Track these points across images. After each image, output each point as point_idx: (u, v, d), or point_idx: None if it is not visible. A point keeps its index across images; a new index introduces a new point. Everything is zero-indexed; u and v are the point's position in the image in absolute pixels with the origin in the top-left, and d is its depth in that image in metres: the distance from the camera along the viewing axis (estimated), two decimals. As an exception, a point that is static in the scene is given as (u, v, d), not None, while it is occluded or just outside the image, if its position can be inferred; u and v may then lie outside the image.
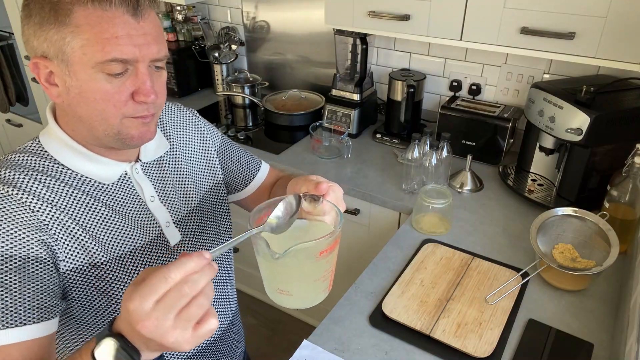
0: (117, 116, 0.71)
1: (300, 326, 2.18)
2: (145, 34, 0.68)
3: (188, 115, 0.97)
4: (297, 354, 1.01)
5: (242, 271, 2.25)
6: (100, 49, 0.65)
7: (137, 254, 0.81)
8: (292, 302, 0.72)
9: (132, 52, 0.67)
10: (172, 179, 0.88)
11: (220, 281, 1.01)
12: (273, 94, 2.14)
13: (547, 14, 1.30)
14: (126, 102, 0.70)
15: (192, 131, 0.95)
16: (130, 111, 0.72)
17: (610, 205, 1.25)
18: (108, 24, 0.65)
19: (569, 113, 1.33)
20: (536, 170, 1.57)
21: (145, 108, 0.73)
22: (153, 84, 0.72)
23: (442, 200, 1.34)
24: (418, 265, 1.23)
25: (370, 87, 1.97)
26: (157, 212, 0.84)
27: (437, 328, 1.04)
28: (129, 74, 0.69)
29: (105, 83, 0.68)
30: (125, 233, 0.80)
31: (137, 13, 0.67)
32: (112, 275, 0.78)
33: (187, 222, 0.89)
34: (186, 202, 0.90)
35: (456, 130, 1.69)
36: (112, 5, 0.65)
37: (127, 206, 0.81)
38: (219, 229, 0.98)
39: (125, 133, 0.73)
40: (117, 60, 0.66)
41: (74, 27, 0.65)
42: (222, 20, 2.37)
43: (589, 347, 1.02)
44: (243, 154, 1.04)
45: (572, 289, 1.16)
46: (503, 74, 1.75)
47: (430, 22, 1.48)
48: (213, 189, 0.97)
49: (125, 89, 0.69)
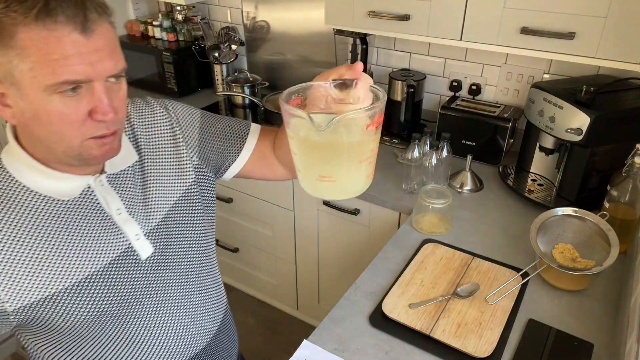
0: (77, 137, 0.68)
1: (300, 326, 2.18)
2: (98, 50, 0.64)
3: (162, 115, 0.89)
4: (297, 354, 1.01)
5: (242, 271, 2.26)
6: (51, 71, 0.61)
7: (102, 274, 0.77)
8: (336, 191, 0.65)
9: (85, 71, 0.63)
10: (140, 189, 0.83)
11: (205, 285, 0.96)
12: (273, 94, 2.14)
13: (547, 14, 1.30)
14: (84, 122, 0.67)
15: (165, 134, 0.89)
16: (90, 131, 0.68)
17: (610, 205, 1.25)
18: (56, 45, 0.61)
19: (569, 113, 1.33)
20: (536, 170, 1.57)
21: (105, 126, 0.69)
22: (111, 100, 0.68)
23: (442, 200, 1.34)
24: (418, 265, 1.23)
25: (370, 87, 1.97)
26: (125, 225, 0.80)
27: (437, 328, 1.04)
28: (84, 92, 0.65)
29: (60, 104, 0.64)
30: (85, 254, 0.75)
31: (85, 29, 0.62)
32: (71, 304, 0.75)
33: (159, 233, 0.84)
34: (157, 212, 0.84)
35: (456, 130, 1.69)
36: (58, 23, 0.60)
37: (90, 222, 0.77)
38: (194, 234, 0.92)
39: (87, 154, 0.70)
40: (68, 82, 0.63)
41: (20, 50, 0.60)
42: (222, 20, 2.37)
43: (589, 347, 1.02)
44: (227, 124, 0.96)
45: (572, 289, 1.16)
46: (503, 74, 1.75)
47: (430, 22, 1.48)
48: (185, 194, 0.90)
49: (81, 109, 0.66)
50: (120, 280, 0.79)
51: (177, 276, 0.89)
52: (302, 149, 0.63)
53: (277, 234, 1.98)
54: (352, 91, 0.64)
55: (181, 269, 0.89)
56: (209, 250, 0.96)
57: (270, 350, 2.15)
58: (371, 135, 0.62)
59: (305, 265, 1.97)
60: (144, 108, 0.88)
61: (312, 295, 2.05)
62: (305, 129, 0.60)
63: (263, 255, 2.10)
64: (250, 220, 2.04)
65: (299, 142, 0.63)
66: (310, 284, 2.02)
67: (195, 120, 0.93)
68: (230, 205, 2.04)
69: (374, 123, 0.61)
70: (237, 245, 2.18)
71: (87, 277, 0.76)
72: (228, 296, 1.08)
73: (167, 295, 0.87)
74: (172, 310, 0.89)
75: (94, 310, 0.77)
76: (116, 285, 0.79)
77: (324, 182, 0.63)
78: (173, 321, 0.89)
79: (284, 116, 0.63)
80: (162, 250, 0.85)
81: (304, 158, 0.64)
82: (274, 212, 1.92)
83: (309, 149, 0.63)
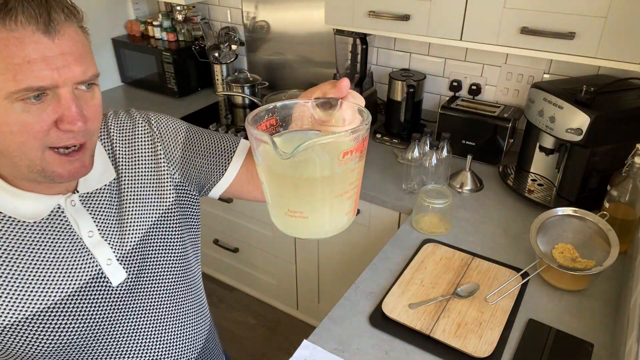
0: (39, 148, 0.61)
1: (300, 326, 2.18)
2: (64, 53, 0.59)
3: (144, 129, 0.83)
4: (297, 354, 1.01)
5: (242, 271, 2.25)
6: (12, 77, 0.56)
7: (68, 301, 0.71)
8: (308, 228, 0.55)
9: (50, 76, 0.58)
10: (116, 210, 0.77)
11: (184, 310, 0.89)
12: (273, 94, 2.13)
13: (547, 14, 1.30)
14: (47, 132, 0.60)
15: (146, 151, 0.82)
16: (54, 140, 0.61)
17: (610, 205, 1.25)
18: (17, 47, 0.55)
19: (569, 113, 1.33)
20: (536, 170, 1.57)
21: (72, 136, 0.62)
22: (81, 108, 0.62)
23: (442, 200, 1.34)
24: (418, 265, 1.23)
25: (370, 87, 1.97)
26: (95, 249, 0.74)
27: (437, 328, 1.04)
28: (50, 99, 0.60)
29: (22, 113, 0.58)
30: (51, 280, 0.70)
31: (49, 30, 0.57)
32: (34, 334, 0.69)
33: (133, 257, 0.78)
34: (132, 235, 0.78)
35: (456, 130, 1.69)
36: (18, 23, 0.55)
37: (58, 246, 0.71)
38: (174, 256, 0.85)
39: (49, 170, 0.63)
40: (32, 89, 0.57)
41: None
42: (222, 20, 2.37)
43: (589, 347, 1.02)
44: (212, 141, 0.88)
45: (572, 289, 1.16)
46: (503, 74, 1.75)
47: (430, 22, 1.48)
48: (164, 215, 0.83)
49: (46, 117, 0.60)
50: (87, 308, 0.74)
51: (152, 303, 0.83)
52: (268, 179, 0.54)
53: (277, 234, 1.98)
54: (336, 112, 0.55)
55: (157, 294, 0.83)
56: (191, 271, 0.90)
57: (270, 350, 2.15)
58: (350, 164, 0.51)
59: (305, 265, 1.97)
60: (125, 121, 0.83)
61: (312, 295, 2.05)
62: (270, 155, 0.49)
63: (263, 255, 2.10)
64: (250, 220, 2.03)
65: (265, 171, 0.53)
66: (310, 284, 2.02)
67: (179, 136, 0.85)
68: (230, 205, 2.04)
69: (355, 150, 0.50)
70: (237, 245, 2.18)
71: (52, 305, 0.70)
72: (228, 296, 1.07)
73: (139, 323, 0.82)
74: (144, 339, 0.83)
75: (58, 340, 0.72)
76: (83, 314, 0.74)
77: (294, 219, 0.54)
78: (146, 351, 0.83)
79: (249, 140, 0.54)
80: (136, 275, 0.79)
81: (271, 189, 0.55)
82: (274, 212, 1.92)
83: (276, 179, 0.53)
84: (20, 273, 0.68)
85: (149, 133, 0.83)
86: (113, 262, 0.76)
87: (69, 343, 0.73)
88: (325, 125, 0.56)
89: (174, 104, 2.27)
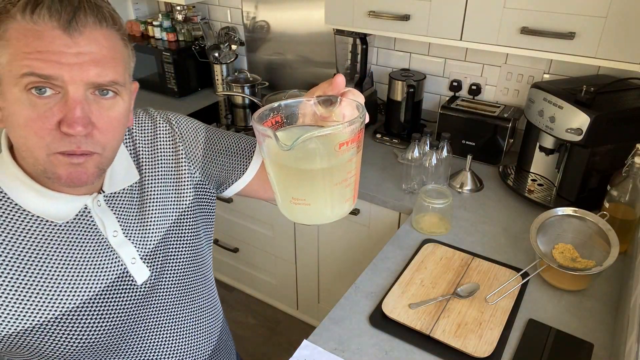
0: (42, 149, 0.60)
1: (300, 326, 2.18)
2: (81, 53, 0.58)
3: (165, 129, 0.84)
4: (297, 354, 1.01)
5: (242, 271, 2.25)
6: (20, 63, 0.57)
7: (95, 301, 0.72)
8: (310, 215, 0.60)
9: (56, 69, 0.57)
10: (137, 210, 0.78)
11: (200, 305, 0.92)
12: (273, 94, 2.13)
13: (547, 14, 1.30)
14: (50, 132, 0.59)
15: (167, 151, 0.84)
16: (56, 144, 0.60)
17: (610, 205, 1.25)
18: (33, 38, 0.57)
19: (569, 113, 1.33)
20: (536, 170, 1.57)
21: (73, 142, 0.60)
22: (89, 113, 0.60)
23: (442, 200, 1.34)
24: (418, 265, 1.23)
25: (370, 87, 1.97)
26: (120, 249, 0.75)
27: (437, 328, 1.04)
28: (59, 98, 0.59)
29: (28, 106, 0.58)
30: (78, 280, 0.71)
31: (70, 28, 0.58)
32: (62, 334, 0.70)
33: (155, 256, 0.79)
34: (154, 234, 0.79)
35: (456, 130, 1.69)
36: (41, 17, 0.57)
37: (85, 246, 0.72)
38: (193, 253, 0.87)
39: (51, 171, 0.62)
40: (35, 75, 0.57)
41: (4, 41, 0.58)
42: (222, 20, 2.37)
43: (589, 347, 1.02)
44: (232, 141, 0.90)
45: (572, 289, 1.16)
46: (503, 74, 1.75)
47: (430, 22, 1.48)
48: (183, 214, 0.85)
49: (50, 116, 0.59)
50: (113, 307, 0.75)
51: (172, 299, 0.84)
52: (274, 170, 0.60)
53: (277, 234, 1.98)
54: (336, 108, 0.60)
55: (177, 291, 0.85)
56: (205, 266, 0.92)
57: (270, 350, 2.15)
58: (347, 155, 0.56)
59: (305, 265, 1.97)
60: (146, 122, 0.83)
61: (312, 295, 2.05)
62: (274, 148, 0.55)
63: (263, 255, 2.10)
64: (250, 220, 2.03)
65: (270, 163, 0.59)
66: (310, 284, 2.02)
67: (200, 135, 0.87)
68: (230, 205, 2.04)
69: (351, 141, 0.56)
70: (237, 245, 2.18)
71: (80, 305, 0.71)
72: (228, 296, 1.07)
73: (160, 320, 0.83)
74: (165, 335, 0.85)
75: (86, 339, 0.73)
76: (109, 313, 0.74)
77: (298, 206, 0.59)
78: (165, 346, 0.85)
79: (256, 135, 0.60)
80: (159, 273, 0.80)
81: (277, 179, 0.61)
82: (274, 212, 1.92)
83: (279, 169, 0.59)
84: (49, 273, 0.69)
85: (170, 133, 0.84)
86: (137, 261, 0.77)
87: (96, 342, 0.74)
88: (326, 121, 0.61)
89: (174, 104, 2.27)
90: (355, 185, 0.61)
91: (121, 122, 0.66)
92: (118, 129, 0.66)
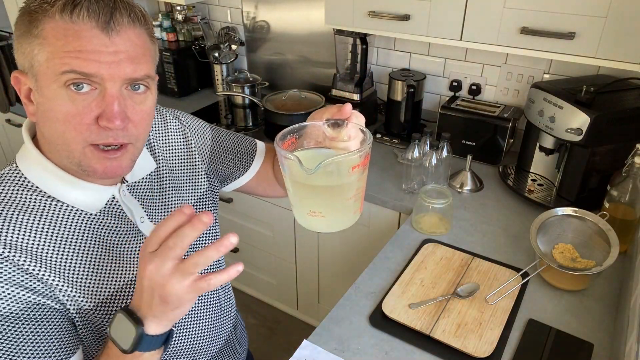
0: (79, 142, 0.64)
1: (300, 326, 2.18)
2: (118, 51, 0.62)
3: (176, 126, 0.90)
4: (297, 354, 1.01)
5: (242, 271, 2.25)
6: (60, 60, 0.60)
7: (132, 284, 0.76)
8: (325, 225, 0.71)
9: (96, 67, 0.61)
10: (158, 197, 0.83)
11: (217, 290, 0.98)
12: (273, 94, 2.14)
13: (547, 14, 1.30)
14: (88, 126, 0.63)
15: (180, 145, 0.89)
16: (94, 137, 0.64)
17: (610, 205, 1.25)
18: (73, 37, 0.60)
19: (569, 113, 1.33)
20: (536, 170, 1.57)
21: (111, 135, 0.64)
22: (125, 108, 0.64)
23: (442, 200, 1.34)
24: (418, 265, 1.23)
25: (370, 87, 1.97)
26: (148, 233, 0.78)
27: (437, 328, 1.04)
28: (96, 94, 0.63)
29: (68, 102, 0.62)
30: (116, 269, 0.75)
31: (108, 28, 0.61)
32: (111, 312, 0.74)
33: None
34: None
35: (456, 130, 1.69)
36: (80, 17, 0.60)
37: (119, 233, 0.75)
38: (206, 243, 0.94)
39: (86, 165, 0.66)
40: (75, 72, 0.60)
41: (42, 40, 0.60)
42: (222, 20, 2.37)
43: (589, 347, 1.02)
44: (236, 140, 0.98)
45: (572, 289, 1.16)
46: (503, 74, 1.75)
47: (430, 22, 1.48)
48: (199, 201, 0.91)
49: (89, 111, 0.62)
50: None
51: None
52: (294, 187, 0.69)
53: (277, 234, 1.98)
54: (343, 130, 0.70)
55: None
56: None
57: (270, 350, 2.15)
58: (358, 175, 0.67)
59: (305, 265, 1.97)
60: (156, 116, 0.87)
61: (312, 295, 2.05)
62: (296, 169, 0.64)
63: (263, 255, 2.10)
64: (250, 220, 2.04)
65: (292, 181, 0.69)
66: (310, 284, 2.02)
67: (207, 133, 0.94)
68: (230, 205, 2.04)
69: (361, 164, 0.66)
70: (237, 245, 2.17)
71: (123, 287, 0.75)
72: (228, 296, 1.08)
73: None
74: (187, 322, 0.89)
75: None
76: None
77: (314, 218, 0.70)
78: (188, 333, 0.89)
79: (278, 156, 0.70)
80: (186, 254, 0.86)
81: (296, 195, 0.70)
82: (274, 212, 1.92)
83: (300, 187, 0.69)
84: (93, 261, 0.72)
85: (180, 128, 0.90)
86: None
87: None
88: (335, 141, 0.70)
89: (174, 104, 2.27)
90: (362, 199, 0.71)
91: (151, 115, 0.71)
92: (149, 121, 0.70)
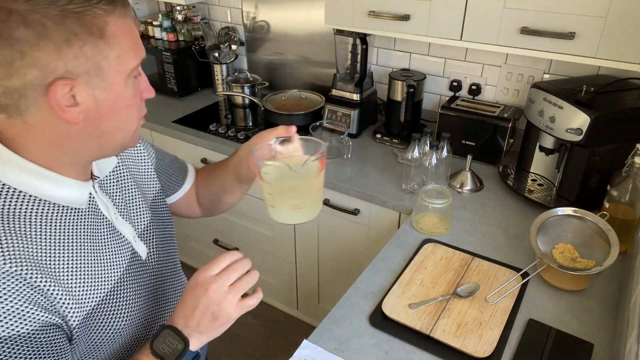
0: (137, 120, 0.73)
1: (300, 326, 2.18)
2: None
3: None
4: (297, 354, 1.01)
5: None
6: (132, 54, 0.67)
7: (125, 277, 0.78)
8: (304, 215, 0.85)
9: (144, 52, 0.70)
10: (124, 193, 0.85)
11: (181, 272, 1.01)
12: (273, 94, 2.14)
13: (547, 14, 1.30)
14: (141, 103, 0.73)
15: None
16: (142, 111, 0.74)
17: (610, 205, 1.25)
18: (129, 30, 0.67)
19: (569, 113, 1.33)
20: (536, 170, 1.57)
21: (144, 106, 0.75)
22: None
23: (442, 200, 1.34)
24: (418, 265, 1.23)
25: (370, 87, 1.97)
26: (123, 229, 0.80)
27: (437, 328, 1.04)
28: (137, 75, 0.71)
29: (130, 88, 0.69)
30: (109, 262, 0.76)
31: (136, 19, 0.70)
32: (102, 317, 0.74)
33: (148, 233, 0.87)
34: (142, 214, 0.87)
35: (456, 130, 1.69)
36: (128, 14, 0.67)
37: (101, 228, 0.76)
38: (170, 236, 0.97)
39: (132, 140, 0.74)
40: (140, 63, 0.70)
41: (109, 39, 0.63)
42: (222, 20, 2.37)
43: (589, 347, 1.02)
44: (173, 158, 1.05)
45: (572, 289, 1.16)
46: (503, 74, 1.75)
47: (430, 22, 1.48)
48: (156, 198, 0.94)
49: (139, 91, 0.72)
50: (136, 281, 0.81)
51: (170, 275, 0.92)
52: (278, 190, 0.84)
53: (277, 234, 1.98)
54: (291, 145, 0.87)
55: (172, 268, 0.94)
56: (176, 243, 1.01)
57: (270, 350, 2.15)
58: (323, 171, 0.85)
59: (305, 265, 1.97)
60: None
61: (312, 295, 2.05)
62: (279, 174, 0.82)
63: (263, 255, 2.10)
64: (250, 220, 2.04)
65: (276, 185, 0.83)
66: (310, 284, 2.02)
67: (149, 145, 0.99)
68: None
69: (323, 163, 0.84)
70: (237, 245, 2.18)
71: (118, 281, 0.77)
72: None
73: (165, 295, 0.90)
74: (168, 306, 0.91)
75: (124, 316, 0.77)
76: (135, 286, 0.81)
77: (295, 211, 0.85)
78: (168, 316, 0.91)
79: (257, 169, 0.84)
80: (155, 250, 0.88)
81: (279, 196, 0.84)
82: (274, 212, 1.92)
83: (284, 188, 0.84)
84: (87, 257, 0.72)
85: None
86: (137, 239, 0.84)
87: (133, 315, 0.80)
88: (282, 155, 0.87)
89: (174, 104, 2.27)
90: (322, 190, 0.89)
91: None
92: None
